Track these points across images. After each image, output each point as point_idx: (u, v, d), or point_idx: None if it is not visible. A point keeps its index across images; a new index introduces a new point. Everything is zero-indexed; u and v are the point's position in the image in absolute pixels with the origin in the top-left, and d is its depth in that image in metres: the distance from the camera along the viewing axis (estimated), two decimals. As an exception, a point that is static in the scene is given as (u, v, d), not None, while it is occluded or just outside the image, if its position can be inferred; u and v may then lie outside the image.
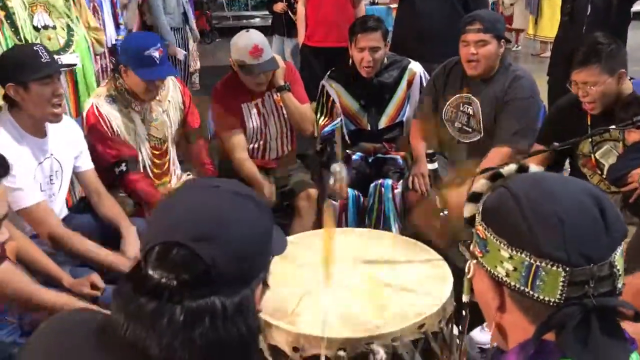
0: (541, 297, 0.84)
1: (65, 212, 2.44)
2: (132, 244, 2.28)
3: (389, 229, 2.80)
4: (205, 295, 0.84)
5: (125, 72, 2.54)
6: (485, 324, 2.05)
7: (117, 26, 4.19)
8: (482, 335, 2.36)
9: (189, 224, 0.87)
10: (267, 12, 9.56)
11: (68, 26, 3.03)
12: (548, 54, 7.34)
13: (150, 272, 0.85)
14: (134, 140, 2.64)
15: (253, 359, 0.90)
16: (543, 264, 0.83)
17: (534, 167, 0.99)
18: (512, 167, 0.99)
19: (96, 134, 2.54)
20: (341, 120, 3.07)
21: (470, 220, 0.97)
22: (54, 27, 2.96)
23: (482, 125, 2.80)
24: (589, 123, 2.44)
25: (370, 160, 3.13)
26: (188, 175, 2.93)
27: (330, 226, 1.73)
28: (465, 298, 1.07)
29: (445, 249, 2.06)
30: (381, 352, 1.61)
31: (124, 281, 0.88)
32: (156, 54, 2.48)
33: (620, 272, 0.84)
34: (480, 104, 2.79)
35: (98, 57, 3.53)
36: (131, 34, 3.70)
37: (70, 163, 2.40)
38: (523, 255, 0.84)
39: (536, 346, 0.83)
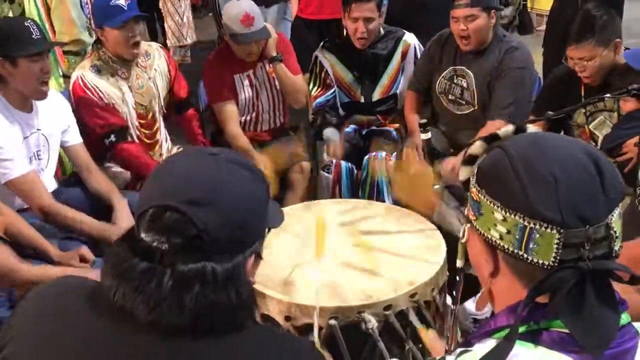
0: (535, 260, 0.81)
1: (54, 186, 2.42)
2: (124, 217, 2.26)
3: (383, 201, 2.79)
4: (196, 260, 0.84)
5: (103, 34, 2.52)
6: (478, 295, 2.05)
7: None
8: (475, 306, 2.36)
9: (184, 188, 0.87)
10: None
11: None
12: (544, 27, 7.30)
13: (143, 234, 0.86)
14: (122, 108, 2.61)
15: (246, 326, 0.89)
16: (537, 226, 0.80)
17: (532, 127, 0.96)
18: (509, 128, 0.96)
19: (84, 105, 2.51)
20: (335, 91, 3.04)
21: (466, 184, 0.95)
22: (12, 1, 2.90)
23: (476, 98, 2.77)
24: (582, 93, 2.42)
25: (363, 133, 3.11)
26: (179, 149, 2.90)
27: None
28: (459, 263, 1.05)
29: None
30: (373, 321, 1.61)
31: (118, 242, 0.89)
32: (121, 1, 2.45)
33: (617, 235, 0.82)
34: (474, 77, 2.76)
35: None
36: None
37: (57, 138, 2.37)
38: (517, 217, 0.81)
39: (528, 309, 0.81)
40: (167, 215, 0.85)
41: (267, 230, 0.97)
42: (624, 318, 0.83)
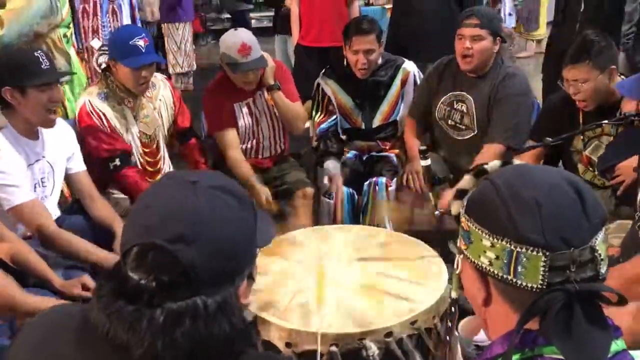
0: (524, 283, 0.84)
1: (57, 213, 2.43)
2: None
3: (384, 227, 2.79)
4: (185, 296, 0.83)
5: (114, 66, 2.55)
6: (467, 319, 2.05)
7: None
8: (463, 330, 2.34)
9: (165, 224, 0.85)
10: (262, 14, 9.58)
11: None
12: (531, 52, 7.43)
13: (130, 273, 0.85)
14: (126, 136, 2.64)
15: (243, 354, 0.89)
16: (523, 250, 0.83)
17: (517, 161, 1.00)
18: (496, 163, 1.02)
19: (89, 129, 2.54)
20: (337, 117, 3.07)
21: (457, 218, 0.98)
22: None
23: (476, 122, 2.80)
24: (581, 120, 2.44)
25: (364, 159, 3.14)
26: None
27: None
28: (454, 294, 1.07)
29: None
30: (374, 348, 1.60)
31: (105, 281, 0.87)
32: (141, 43, 2.50)
33: (602, 257, 0.85)
34: (473, 102, 2.79)
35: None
36: (117, 28, 3.70)
37: (62, 165, 2.39)
38: (504, 242, 0.85)
39: (520, 335, 0.83)
40: (153, 254, 0.84)
41: (257, 250, 0.96)
42: (619, 344, 0.85)
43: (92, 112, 2.54)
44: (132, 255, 0.85)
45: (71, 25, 3.35)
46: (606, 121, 2.15)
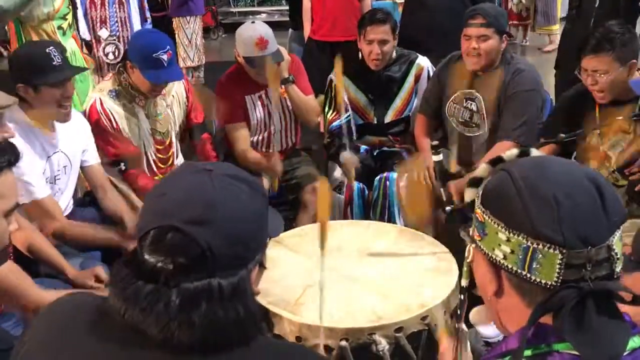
0: (538, 280, 0.83)
1: (71, 206, 2.44)
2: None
3: (394, 222, 2.79)
4: (201, 277, 0.85)
5: (132, 68, 2.52)
6: (478, 308, 2.04)
7: (144, 20, 4.17)
8: (487, 329, 2.34)
9: (183, 207, 0.88)
10: (272, 8, 9.56)
11: None
12: (549, 47, 7.39)
13: (146, 256, 0.86)
14: (138, 135, 2.64)
15: (255, 339, 0.90)
16: (540, 246, 0.82)
17: (536, 151, 0.98)
18: (513, 151, 0.99)
19: (98, 130, 2.53)
20: (349, 114, 3.07)
21: (471, 205, 0.97)
22: None
23: (486, 120, 2.78)
24: (597, 114, 2.41)
25: (375, 154, 3.13)
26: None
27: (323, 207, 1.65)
28: (464, 282, 1.08)
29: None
30: (383, 343, 1.61)
31: (122, 266, 0.89)
32: (165, 57, 2.46)
33: (618, 256, 0.84)
34: (483, 100, 2.77)
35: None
36: (142, 32, 3.68)
37: (78, 157, 2.39)
38: (520, 238, 0.84)
39: (534, 329, 0.83)
40: (170, 236, 0.86)
41: (268, 239, 0.98)
42: (637, 341, 0.84)
43: (101, 113, 2.53)
44: (149, 238, 0.87)
45: (69, 17, 3.33)
46: (620, 117, 2.14)
